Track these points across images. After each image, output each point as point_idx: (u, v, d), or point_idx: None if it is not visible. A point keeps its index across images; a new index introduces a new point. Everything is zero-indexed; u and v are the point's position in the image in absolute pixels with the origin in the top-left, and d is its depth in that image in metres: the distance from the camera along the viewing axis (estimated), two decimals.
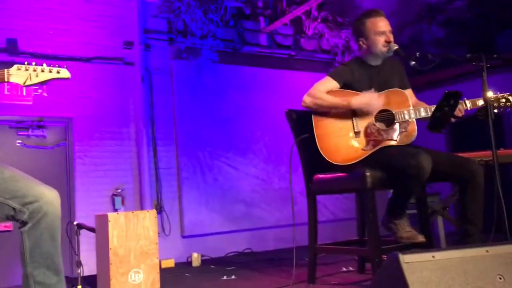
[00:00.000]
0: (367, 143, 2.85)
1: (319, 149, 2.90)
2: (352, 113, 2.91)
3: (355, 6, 7.26)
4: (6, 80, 1.73)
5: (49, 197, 1.78)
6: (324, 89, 2.96)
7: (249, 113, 6.23)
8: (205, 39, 5.69)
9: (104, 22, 5.48)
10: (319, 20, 6.80)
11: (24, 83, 1.74)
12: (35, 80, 1.75)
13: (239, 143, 6.12)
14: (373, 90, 2.87)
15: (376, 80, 3.00)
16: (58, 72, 1.80)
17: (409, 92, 3.04)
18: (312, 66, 6.88)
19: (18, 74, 1.73)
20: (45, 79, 1.77)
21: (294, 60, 6.79)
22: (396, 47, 2.89)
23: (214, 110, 5.98)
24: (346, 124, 2.90)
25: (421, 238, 2.78)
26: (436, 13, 6.65)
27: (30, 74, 1.73)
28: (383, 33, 2.92)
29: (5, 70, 1.71)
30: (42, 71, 1.76)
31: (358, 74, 3.00)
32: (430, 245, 2.94)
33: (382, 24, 2.94)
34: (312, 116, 2.98)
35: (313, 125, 2.96)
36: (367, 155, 2.81)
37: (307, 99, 2.97)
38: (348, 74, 3.00)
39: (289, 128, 3.27)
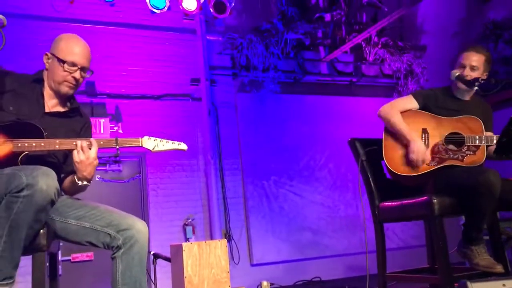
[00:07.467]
0: (433, 159, 2.86)
1: (384, 158, 2.93)
2: (423, 129, 2.93)
3: (416, 30, 7.21)
4: (140, 145, 2.22)
5: (139, 226, 2.02)
6: (403, 107, 2.99)
7: (312, 141, 6.30)
8: (267, 71, 5.89)
9: (172, 62, 5.83)
10: (379, 46, 6.79)
11: (153, 149, 2.23)
12: (161, 148, 2.25)
13: (303, 171, 6.18)
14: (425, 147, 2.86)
15: (458, 112, 2.97)
16: (178, 144, 2.29)
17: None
18: (374, 91, 6.88)
19: (149, 142, 2.23)
20: (168, 148, 2.27)
21: (355, 86, 6.82)
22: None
23: (278, 139, 6.11)
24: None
25: (499, 269, 2.65)
26: (503, 31, 6.45)
27: (157, 143, 2.23)
28: (464, 66, 2.93)
29: (140, 138, 2.21)
30: (167, 142, 2.26)
31: (442, 102, 3.00)
32: (507, 274, 2.82)
33: (466, 57, 2.94)
34: (384, 127, 3.03)
35: (383, 134, 3.01)
36: (431, 169, 2.82)
37: (383, 112, 3.00)
38: (431, 100, 3.01)
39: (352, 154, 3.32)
